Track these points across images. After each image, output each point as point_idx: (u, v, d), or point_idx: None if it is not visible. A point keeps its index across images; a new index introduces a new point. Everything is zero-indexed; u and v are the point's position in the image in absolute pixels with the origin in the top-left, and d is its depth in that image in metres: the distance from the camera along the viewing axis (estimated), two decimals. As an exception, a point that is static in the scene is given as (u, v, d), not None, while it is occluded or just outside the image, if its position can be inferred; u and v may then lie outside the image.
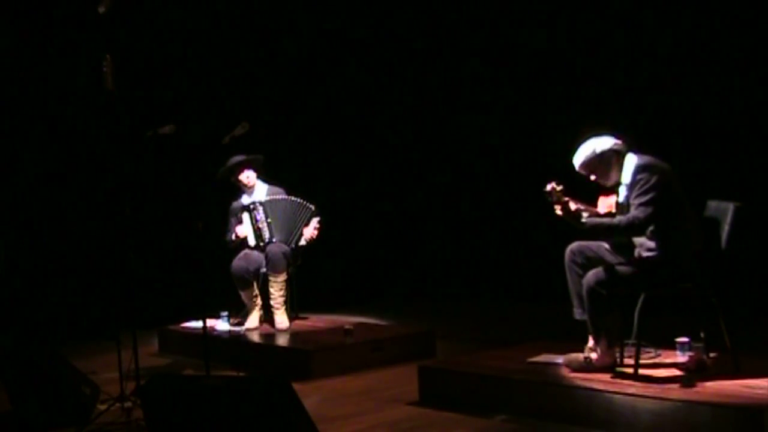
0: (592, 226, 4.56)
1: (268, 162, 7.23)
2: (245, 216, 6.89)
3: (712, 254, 4.52)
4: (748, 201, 4.61)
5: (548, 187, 4.53)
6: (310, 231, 6.97)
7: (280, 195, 7.03)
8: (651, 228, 4.52)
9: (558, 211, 4.54)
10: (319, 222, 7.00)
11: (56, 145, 8.52)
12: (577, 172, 4.74)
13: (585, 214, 4.60)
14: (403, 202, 9.94)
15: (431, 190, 9.73)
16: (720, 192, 4.90)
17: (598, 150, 4.62)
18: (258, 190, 7.05)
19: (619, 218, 4.54)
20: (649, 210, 4.42)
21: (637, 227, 4.48)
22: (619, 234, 4.58)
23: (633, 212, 4.47)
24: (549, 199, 4.53)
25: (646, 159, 4.56)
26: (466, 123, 9.33)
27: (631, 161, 4.58)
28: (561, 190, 4.52)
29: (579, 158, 4.69)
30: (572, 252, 4.77)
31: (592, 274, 4.54)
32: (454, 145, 9.51)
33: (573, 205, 4.54)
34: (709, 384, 4.25)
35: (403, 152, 9.95)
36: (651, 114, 7.51)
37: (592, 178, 4.71)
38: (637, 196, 4.47)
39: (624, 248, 4.72)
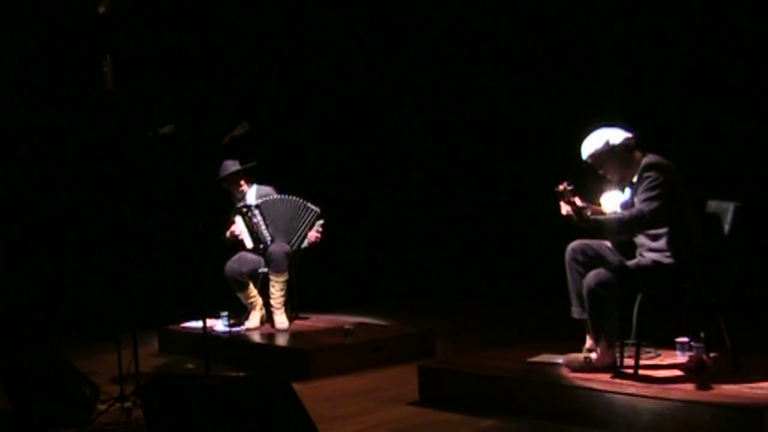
0: (598, 222, 4.50)
1: (268, 162, 7.22)
2: (238, 219, 6.87)
3: (712, 254, 4.52)
4: (748, 201, 4.61)
5: (560, 187, 4.49)
6: (313, 234, 6.95)
7: (271, 194, 6.99)
8: (653, 228, 4.50)
9: (564, 211, 4.50)
10: (321, 225, 6.99)
11: (56, 146, 8.51)
12: (582, 165, 4.68)
13: (589, 212, 4.57)
14: (403, 201, 9.93)
15: (431, 190, 9.73)
16: (720, 192, 4.90)
17: (611, 143, 4.56)
18: (248, 192, 7.05)
19: (623, 212, 4.52)
20: (654, 205, 4.37)
21: (642, 221, 4.40)
22: (624, 227, 4.46)
23: (638, 206, 4.42)
24: (559, 198, 4.51)
25: (655, 158, 4.52)
26: (466, 122, 9.33)
27: (640, 159, 4.54)
28: (572, 190, 4.50)
29: (589, 148, 4.62)
30: (573, 250, 4.76)
31: (593, 275, 4.53)
32: (454, 145, 9.51)
33: (580, 202, 4.50)
34: (709, 384, 4.25)
35: (403, 152, 9.94)
36: (651, 113, 7.51)
37: (600, 172, 4.66)
38: (644, 191, 4.42)
39: (625, 247, 4.71)
